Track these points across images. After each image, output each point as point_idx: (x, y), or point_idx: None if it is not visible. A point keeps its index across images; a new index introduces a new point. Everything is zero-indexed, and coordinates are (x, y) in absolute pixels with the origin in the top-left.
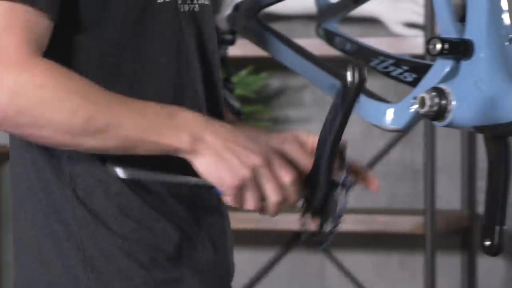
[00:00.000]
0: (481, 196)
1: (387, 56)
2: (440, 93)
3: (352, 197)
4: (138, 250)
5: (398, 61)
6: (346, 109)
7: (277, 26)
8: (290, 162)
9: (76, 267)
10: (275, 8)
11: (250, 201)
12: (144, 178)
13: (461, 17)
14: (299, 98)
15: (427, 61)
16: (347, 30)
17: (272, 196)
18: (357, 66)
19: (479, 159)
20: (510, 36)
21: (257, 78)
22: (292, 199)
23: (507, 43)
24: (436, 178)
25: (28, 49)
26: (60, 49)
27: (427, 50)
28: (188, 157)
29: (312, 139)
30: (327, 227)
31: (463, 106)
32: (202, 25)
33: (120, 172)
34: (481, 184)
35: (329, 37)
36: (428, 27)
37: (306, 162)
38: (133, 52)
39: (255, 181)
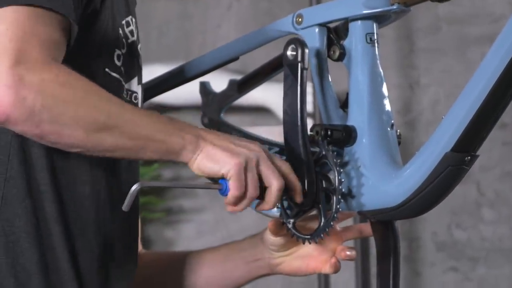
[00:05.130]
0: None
1: (273, 144)
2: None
3: (247, 285)
4: None
5: (283, 149)
6: (301, 82)
7: None
8: None
9: None
10: (164, 99)
11: (252, 185)
12: (156, 186)
13: (343, 104)
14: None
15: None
16: (238, 119)
17: (274, 179)
18: (295, 41)
19: (373, 244)
20: (392, 121)
21: (149, 169)
22: (296, 186)
23: (389, 129)
24: None
25: (49, 54)
26: None
27: (311, 138)
28: (189, 157)
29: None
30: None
31: (348, 192)
32: None
33: (135, 185)
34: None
35: (214, 126)
36: (317, 115)
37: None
38: None
39: (255, 163)
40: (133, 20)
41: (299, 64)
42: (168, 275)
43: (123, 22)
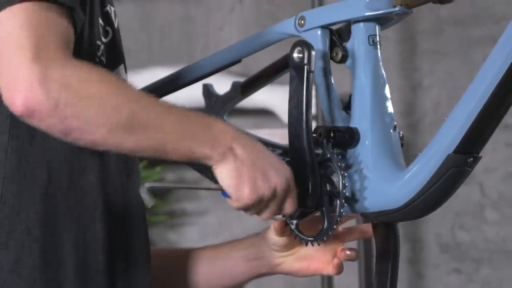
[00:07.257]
0: None
1: (276, 146)
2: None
3: (250, 285)
4: None
5: (286, 151)
6: (307, 85)
7: None
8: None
9: None
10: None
11: (266, 215)
12: (167, 187)
13: (346, 106)
14: (195, 191)
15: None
16: (241, 122)
17: (268, 215)
18: (302, 43)
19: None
20: (395, 123)
21: (151, 172)
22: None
23: (391, 131)
24: None
25: (66, 49)
26: None
27: (315, 139)
28: (214, 163)
29: None
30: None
31: (351, 194)
32: None
33: (146, 184)
34: None
35: None
36: (319, 117)
37: None
38: None
39: (271, 201)
40: (113, 8)
41: (306, 66)
42: (168, 271)
43: (106, 9)
